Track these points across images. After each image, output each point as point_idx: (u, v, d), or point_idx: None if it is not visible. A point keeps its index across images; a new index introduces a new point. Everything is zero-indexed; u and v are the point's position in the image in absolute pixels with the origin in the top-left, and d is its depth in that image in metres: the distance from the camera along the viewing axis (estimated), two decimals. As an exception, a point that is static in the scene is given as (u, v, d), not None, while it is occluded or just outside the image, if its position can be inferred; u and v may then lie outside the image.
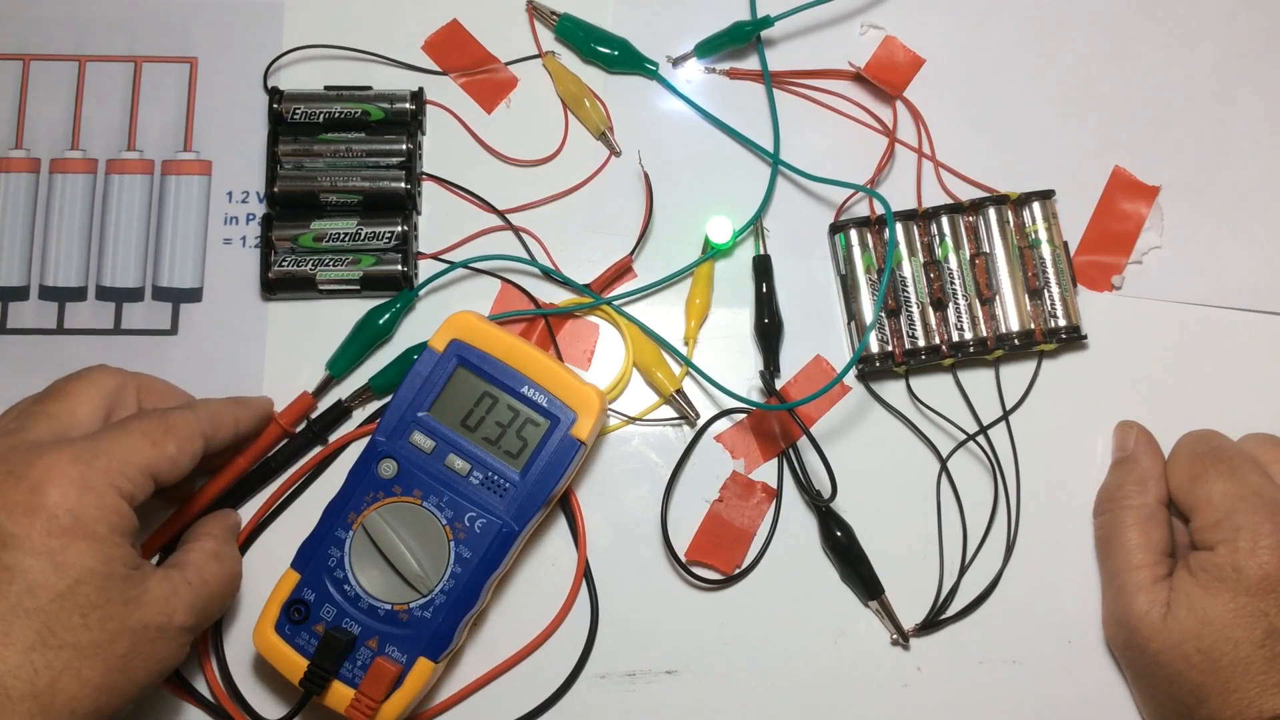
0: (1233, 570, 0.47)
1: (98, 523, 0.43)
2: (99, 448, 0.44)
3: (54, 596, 0.42)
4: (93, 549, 0.43)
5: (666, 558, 0.55)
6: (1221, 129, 0.59)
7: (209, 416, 0.49)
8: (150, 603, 0.44)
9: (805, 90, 0.59)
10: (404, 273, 0.56)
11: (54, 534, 0.42)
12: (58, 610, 0.42)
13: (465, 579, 0.49)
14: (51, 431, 0.45)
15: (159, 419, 0.47)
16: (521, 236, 0.58)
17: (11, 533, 0.42)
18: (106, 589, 0.43)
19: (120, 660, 0.43)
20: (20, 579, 0.41)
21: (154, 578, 0.45)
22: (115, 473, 0.44)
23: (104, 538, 0.43)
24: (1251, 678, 0.46)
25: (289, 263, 0.56)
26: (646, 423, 0.56)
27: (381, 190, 0.56)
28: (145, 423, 0.47)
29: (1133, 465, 0.53)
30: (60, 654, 0.42)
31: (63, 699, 0.42)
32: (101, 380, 0.48)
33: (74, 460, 0.43)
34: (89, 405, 0.47)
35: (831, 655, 0.54)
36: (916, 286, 0.56)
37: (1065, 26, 0.60)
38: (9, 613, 0.41)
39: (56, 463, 0.43)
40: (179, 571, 0.47)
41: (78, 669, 0.42)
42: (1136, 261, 0.58)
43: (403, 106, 0.57)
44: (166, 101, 0.59)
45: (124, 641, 0.43)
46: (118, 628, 0.43)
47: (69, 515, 0.42)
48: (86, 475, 0.43)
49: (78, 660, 0.42)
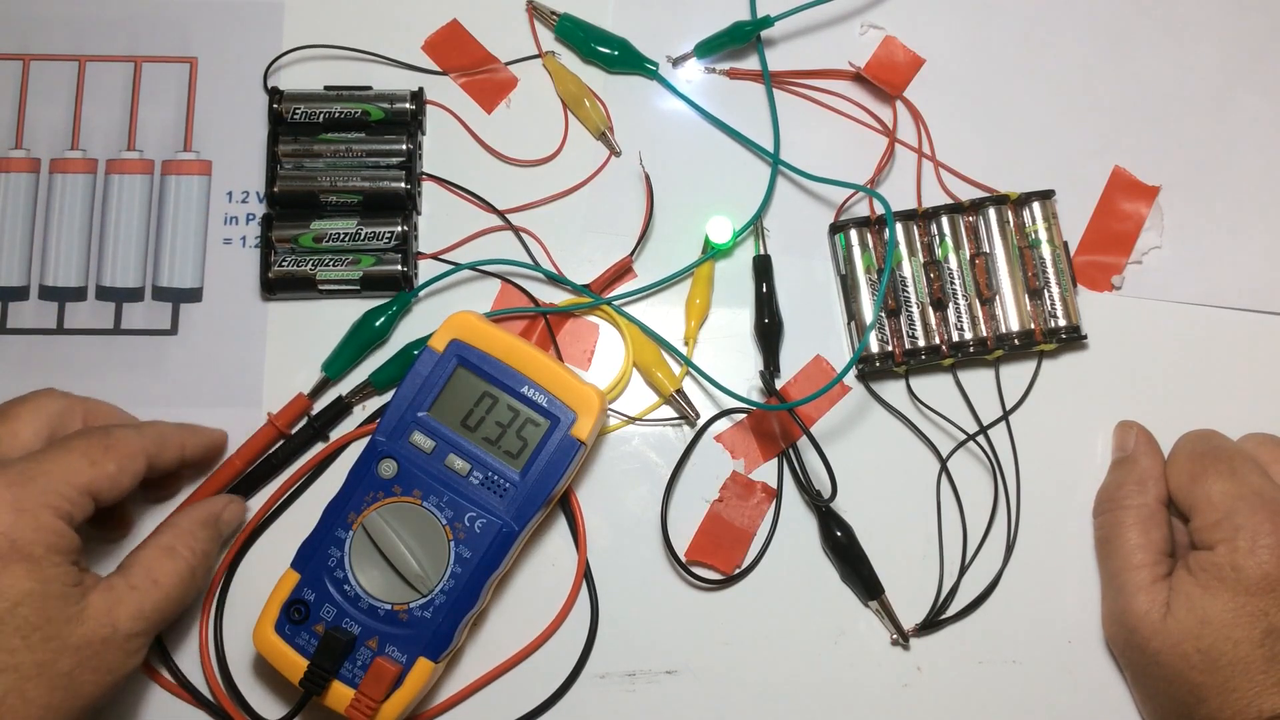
0: (1232, 570, 0.47)
1: (34, 544, 0.43)
2: (36, 468, 0.44)
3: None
4: (29, 571, 0.42)
5: (666, 558, 0.55)
6: (1221, 129, 0.59)
7: (155, 436, 0.49)
8: (91, 617, 0.44)
9: (805, 90, 0.59)
10: (404, 273, 0.56)
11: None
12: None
13: (465, 579, 0.49)
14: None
15: (99, 436, 0.47)
16: (521, 237, 0.58)
17: None
18: (45, 609, 0.43)
19: (65, 678, 0.43)
20: None
21: (95, 591, 0.45)
22: (52, 493, 0.44)
23: (40, 558, 0.43)
24: (1251, 677, 0.46)
25: (289, 263, 0.56)
26: (646, 423, 0.56)
27: (381, 190, 0.56)
28: (84, 441, 0.46)
29: (1132, 465, 0.53)
30: (3, 677, 0.42)
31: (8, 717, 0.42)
32: (46, 403, 0.48)
33: (7, 484, 0.43)
34: (30, 428, 0.47)
35: (831, 655, 0.54)
36: (916, 286, 0.56)
37: (1065, 26, 0.60)
38: None
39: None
40: (123, 577, 0.46)
41: (21, 690, 0.42)
42: (1136, 261, 0.58)
43: (403, 106, 0.57)
44: (166, 101, 0.59)
45: (67, 659, 0.43)
46: (59, 646, 0.43)
47: (3, 539, 0.42)
48: (21, 497, 0.43)
49: (21, 682, 0.42)
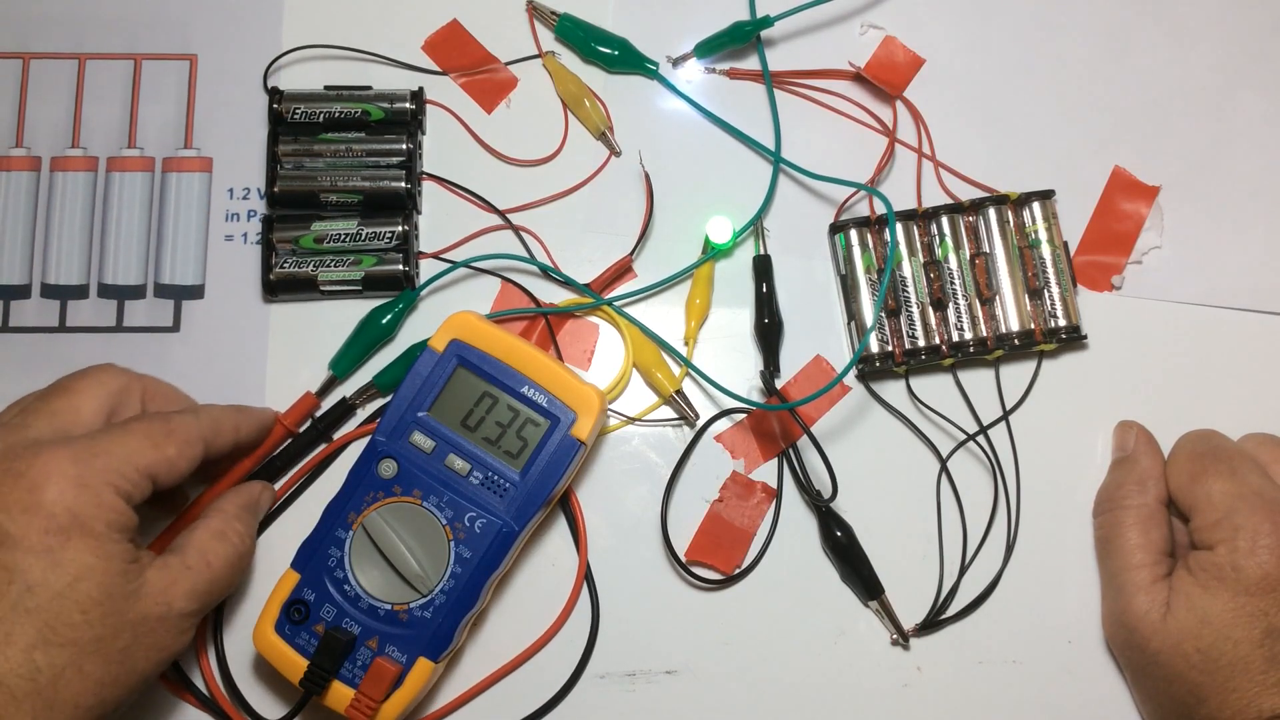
0: (1232, 570, 0.47)
1: (95, 520, 0.43)
2: (98, 446, 0.44)
3: (53, 595, 0.42)
4: (91, 546, 0.43)
5: (666, 558, 0.55)
6: (1221, 129, 0.59)
7: (210, 422, 0.49)
8: (149, 595, 0.44)
9: (805, 90, 0.59)
10: (405, 272, 0.56)
11: (52, 532, 0.42)
12: (58, 608, 0.42)
13: (465, 579, 0.49)
14: (52, 429, 0.45)
15: (161, 421, 0.47)
16: (522, 236, 0.58)
17: (10, 532, 0.42)
18: (105, 585, 0.43)
19: (121, 653, 0.43)
20: (20, 578, 0.42)
21: (152, 568, 0.45)
22: (114, 471, 0.44)
23: (102, 534, 0.43)
24: (1250, 677, 0.46)
25: (290, 264, 0.56)
26: (646, 423, 0.56)
27: (382, 190, 0.56)
28: (147, 424, 0.47)
29: (1132, 465, 0.53)
30: (62, 651, 0.42)
31: (66, 695, 0.42)
32: (106, 379, 0.48)
33: (73, 459, 0.43)
34: (92, 404, 0.47)
35: (831, 655, 0.54)
36: (916, 286, 0.56)
37: (1065, 26, 0.60)
38: (9, 612, 0.41)
39: (55, 461, 0.43)
40: (178, 557, 0.47)
41: (79, 665, 0.42)
42: (1136, 261, 0.58)
43: (403, 106, 0.57)
44: (166, 99, 0.59)
45: (125, 635, 0.43)
46: (118, 622, 0.43)
47: (67, 514, 0.42)
48: (84, 474, 0.43)
49: (79, 657, 0.42)
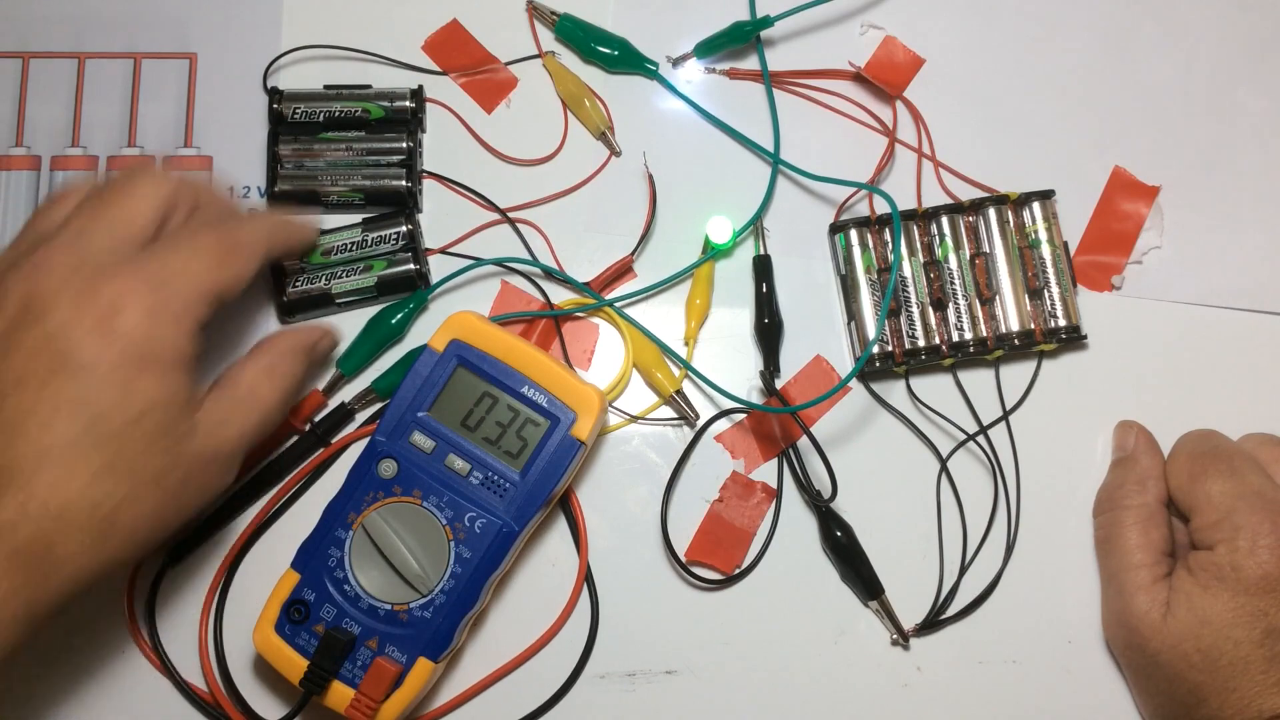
0: (1232, 570, 0.47)
1: (166, 351, 0.43)
2: (170, 270, 0.44)
3: (122, 425, 0.41)
4: (161, 378, 0.42)
5: (666, 558, 0.55)
6: (1221, 129, 0.59)
7: (268, 234, 0.49)
8: (205, 432, 0.45)
9: (805, 90, 0.59)
10: (418, 271, 0.55)
11: (126, 362, 0.41)
12: (124, 439, 0.41)
13: (465, 579, 0.49)
14: (114, 242, 0.44)
15: (228, 239, 0.46)
16: (521, 232, 0.57)
17: (82, 360, 0.41)
18: (168, 419, 0.43)
19: (176, 488, 0.44)
20: (90, 407, 0.41)
21: (208, 405, 0.45)
22: (186, 298, 0.44)
23: (170, 366, 0.43)
24: (1251, 677, 0.47)
25: (303, 282, 0.55)
26: (646, 423, 0.56)
27: (382, 188, 0.56)
28: (216, 240, 0.46)
29: (1132, 465, 0.53)
30: (123, 481, 0.42)
31: (123, 524, 0.42)
32: (159, 185, 0.46)
33: (148, 286, 0.43)
34: (149, 214, 0.45)
35: (831, 655, 0.54)
36: (916, 286, 0.56)
37: (1065, 26, 0.60)
38: (78, 439, 0.41)
39: (131, 287, 0.42)
40: (229, 394, 0.47)
41: (137, 497, 0.42)
42: (1136, 261, 0.58)
43: (403, 104, 0.57)
44: (166, 97, 0.59)
45: (180, 470, 0.44)
46: (175, 458, 0.43)
47: (141, 343, 0.42)
48: (159, 302, 0.43)
49: (138, 489, 0.42)
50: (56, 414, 0.41)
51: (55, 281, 0.42)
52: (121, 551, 0.42)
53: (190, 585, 0.54)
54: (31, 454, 0.40)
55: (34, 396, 0.41)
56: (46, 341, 0.41)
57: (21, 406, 0.41)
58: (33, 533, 0.40)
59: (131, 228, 0.45)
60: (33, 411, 0.40)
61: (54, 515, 0.40)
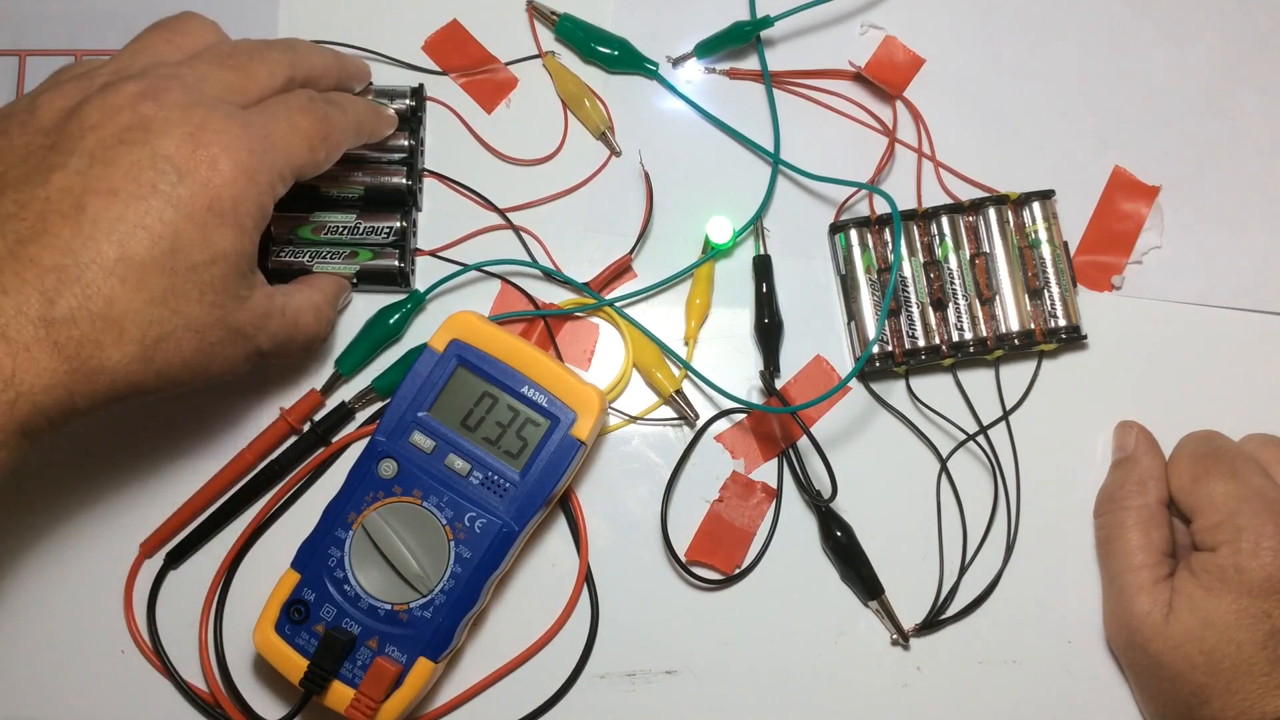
0: (1235, 571, 0.47)
1: (247, 214, 0.45)
2: (272, 138, 0.46)
3: (191, 265, 0.43)
4: (236, 236, 0.44)
5: (666, 558, 0.55)
6: (1221, 129, 0.59)
7: (356, 124, 0.51)
8: (250, 309, 0.46)
9: (805, 90, 0.59)
10: (400, 269, 0.55)
11: (213, 210, 0.43)
12: (186, 278, 0.43)
13: (465, 579, 0.49)
14: (231, 96, 0.46)
15: (324, 126, 0.48)
16: (522, 236, 0.57)
17: (178, 195, 0.43)
18: (228, 279, 0.45)
19: (210, 347, 0.45)
20: (171, 238, 0.42)
21: (261, 291, 0.47)
22: (277, 170, 0.46)
23: (247, 229, 0.45)
24: (1254, 679, 0.47)
25: (287, 254, 0.55)
26: (646, 423, 0.56)
27: (383, 186, 0.56)
28: (311, 120, 0.48)
29: (1133, 465, 0.53)
30: (173, 317, 0.43)
31: (160, 356, 0.43)
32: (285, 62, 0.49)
33: (249, 147, 0.44)
34: (267, 85, 0.48)
35: (831, 655, 0.54)
36: (916, 286, 0.56)
37: (1065, 26, 0.60)
38: (152, 264, 0.42)
39: (236, 144, 0.44)
40: (281, 300, 0.49)
41: (179, 338, 0.44)
42: (1136, 261, 0.58)
43: (402, 102, 0.57)
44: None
45: (219, 331, 0.45)
46: (221, 317, 0.45)
47: (229, 198, 0.44)
48: (256, 166, 0.44)
49: (182, 329, 0.44)
50: (138, 231, 0.42)
51: (173, 112, 0.44)
52: (155, 381, 0.44)
53: (190, 585, 0.54)
54: (107, 259, 0.41)
55: (123, 208, 0.42)
56: (152, 162, 0.43)
57: (110, 213, 0.42)
58: (87, 331, 0.41)
59: (248, 92, 0.47)
60: (121, 219, 0.42)
61: (111, 321, 0.42)
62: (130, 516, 0.54)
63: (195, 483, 0.54)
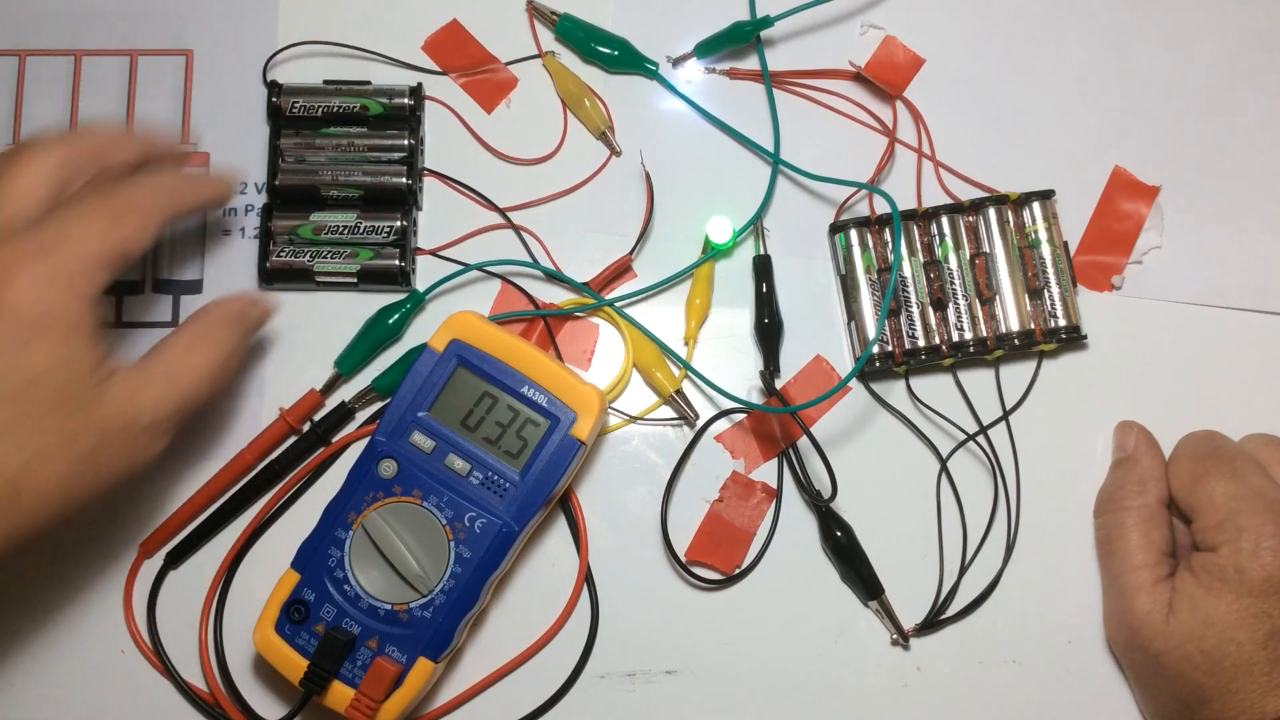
0: (1235, 571, 0.47)
1: (60, 317, 0.42)
2: (58, 235, 0.43)
3: (18, 388, 0.41)
4: (57, 343, 0.42)
5: (666, 558, 0.55)
6: (1221, 129, 0.59)
7: (166, 192, 0.48)
8: (113, 400, 0.44)
9: (805, 90, 0.59)
10: (400, 268, 0.55)
11: (19, 329, 0.42)
12: (22, 401, 0.42)
13: (465, 579, 0.49)
14: (5, 220, 0.44)
15: (122, 200, 0.45)
16: (522, 236, 0.57)
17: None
18: (69, 385, 0.43)
19: (88, 454, 0.43)
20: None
21: (118, 375, 0.45)
22: (80, 261, 0.43)
23: (66, 333, 0.43)
24: (1254, 679, 0.47)
25: (287, 253, 0.55)
26: (646, 423, 0.56)
27: (383, 185, 0.56)
28: (104, 200, 0.45)
29: (1133, 465, 0.53)
30: (27, 443, 0.42)
31: (30, 488, 0.42)
32: (45, 157, 0.46)
33: (38, 254, 0.42)
34: (36, 190, 0.45)
35: (831, 655, 0.54)
36: (916, 286, 0.56)
37: (1065, 26, 0.60)
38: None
39: (18, 256, 0.42)
40: (148, 364, 0.46)
41: (45, 460, 0.42)
42: (1136, 261, 0.58)
43: (401, 102, 0.57)
44: (163, 94, 0.59)
45: (88, 438, 0.43)
46: (81, 423, 0.43)
47: (32, 310, 0.42)
48: (52, 270, 0.42)
49: (44, 452, 0.42)
50: None
51: None
52: (34, 517, 0.42)
53: (190, 585, 0.54)
54: None
55: None
56: None
57: None
58: None
59: (19, 204, 0.44)
60: None
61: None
62: (130, 516, 0.54)
63: (195, 483, 0.54)
